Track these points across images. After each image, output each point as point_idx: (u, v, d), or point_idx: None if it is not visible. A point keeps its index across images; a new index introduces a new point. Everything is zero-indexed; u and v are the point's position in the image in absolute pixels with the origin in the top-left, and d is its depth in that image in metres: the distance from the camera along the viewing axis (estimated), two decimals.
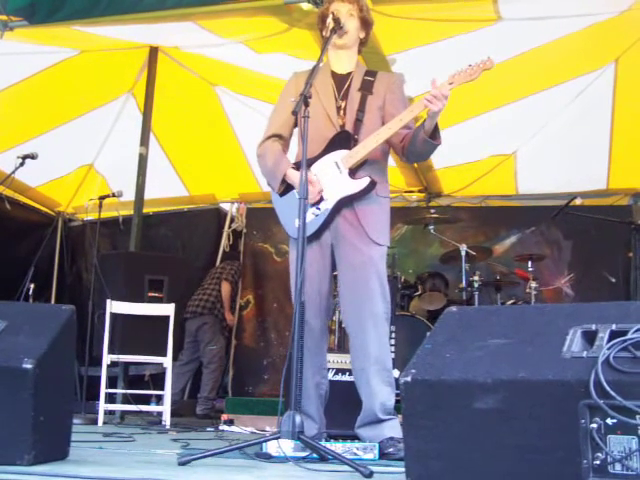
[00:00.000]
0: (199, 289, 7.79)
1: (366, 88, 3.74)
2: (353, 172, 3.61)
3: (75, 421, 4.49)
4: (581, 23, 5.32)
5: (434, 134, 3.53)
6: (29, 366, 2.40)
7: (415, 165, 7.40)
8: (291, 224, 3.59)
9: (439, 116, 3.48)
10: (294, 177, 3.58)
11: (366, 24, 3.82)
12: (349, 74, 3.78)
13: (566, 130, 6.80)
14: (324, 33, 3.74)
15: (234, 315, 8.10)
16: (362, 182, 3.60)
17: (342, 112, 3.69)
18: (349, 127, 3.66)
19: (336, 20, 3.59)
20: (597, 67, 6.17)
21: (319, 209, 3.59)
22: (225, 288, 7.76)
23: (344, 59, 3.79)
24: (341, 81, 3.76)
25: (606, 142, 6.91)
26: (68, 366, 2.81)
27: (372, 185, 3.60)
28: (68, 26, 5.51)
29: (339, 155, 3.62)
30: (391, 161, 3.94)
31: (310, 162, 3.53)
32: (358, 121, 3.66)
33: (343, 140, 3.64)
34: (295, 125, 3.78)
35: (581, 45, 5.65)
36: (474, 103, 6.23)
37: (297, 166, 3.61)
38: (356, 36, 3.78)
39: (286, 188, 3.67)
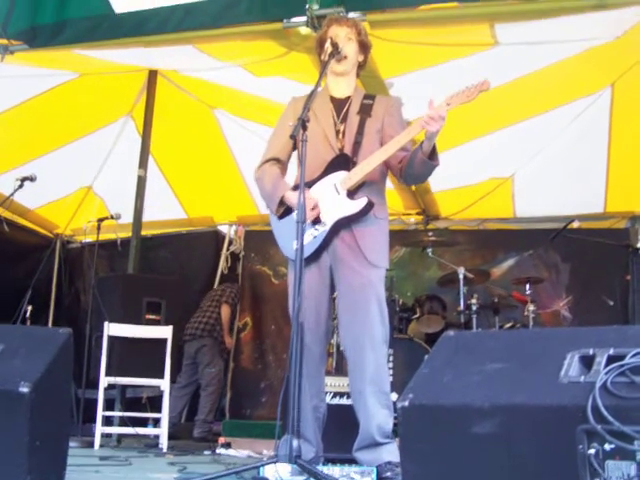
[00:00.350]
0: (198, 311, 7.77)
1: (365, 111, 3.76)
2: (351, 194, 3.62)
3: (71, 444, 4.47)
4: (577, 48, 5.35)
5: (432, 155, 3.55)
6: (25, 390, 2.39)
7: (413, 188, 7.42)
8: (289, 246, 3.59)
9: (437, 137, 3.50)
10: (292, 199, 3.59)
11: (364, 48, 3.85)
12: (348, 98, 3.80)
13: (563, 153, 6.83)
14: (322, 57, 3.77)
15: (232, 337, 8.09)
16: (360, 203, 3.61)
17: (341, 135, 3.71)
18: (348, 150, 3.68)
19: (334, 45, 3.62)
20: (594, 91, 6.20)
21: (317, 230, 3.59)
22: (225, 311, 7.74)
23: (342, 84, 3.82)
24: (340, 105, 3.78)
25: (603, 165, 6.94)
26: (65, 390, 2.81)
27: (370, 206, 3.60)
28: (68, 50, 5.53)
29: (338, 177, 3.63)
30: (389, 183, 3.95)
31: (309, 184, 3.54)
32: (357, 144, 3.68)
33: (342, 163, 3.65)
34: (294, 149, 3.80)
35: (578, 69, 5.68)
36: (472, 126, 6.26)
37: (295, 188, 3.62)
38: (355, 60, 3.81)
39: (285, 211, 3.68)
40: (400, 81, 5.76)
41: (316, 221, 3.59)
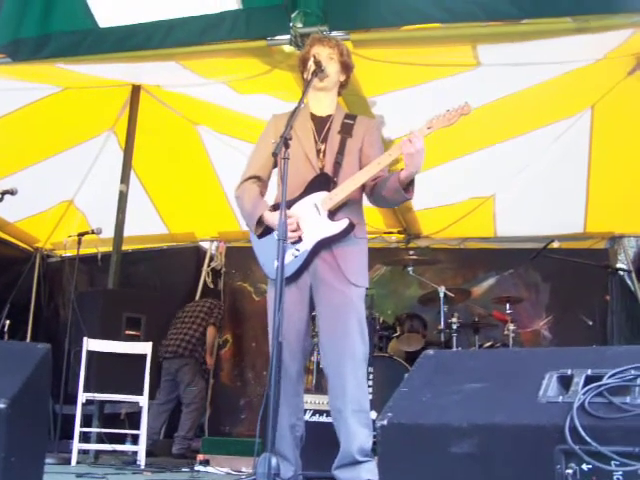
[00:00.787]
0: (177, 325, 7.68)
1: (346, 131, 3.77)
2: (332, 214, 3.63)
3: (48, 460, 4.44)
4: (558, 70, 5.41)
5: (408, 187, 3.57)
6: (2, 406, 2.37)
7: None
8: (270, 265, 3.59)
9: (418, 169, 3.51)
10: (271, 219, 3.59)
11: (346, 68, 3.87)
12: (329, 117, 3.82)
13: (544, 174, 6.89)
14: (305, 75, 3.79)
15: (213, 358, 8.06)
16: (341, 224, 3.62)
17: (322, 155, 3.72)
18: (328, 170, 3.68)
19: (317, 63, 3.64)
20: (574, 113, 6.27)
21: (298, 250, 3.59)
22: (211, 333, 7.69)
23: (324, 101, 3.83)
24: (321, 123, 3.79)
25: (583, 186, 7.01)
26: (42, 406, 2.78)
27: (351, 227, 3.62)
28: (52, 63, 5.52)
29: (318, 197, 3.64)
30: (370, 202, 3.96)
31: (289, 204, 3.54)
32: (337, 164, 3.69)
33: (322, 182, 3.66)
34: (274, 166, 3.80)
35: (558, 91, 5.74)
36: (454, 146, 6.30)
37: (275, 208, 3.64)
38: (336, 79, 3.83)
39: (265, 230, 3.68)
40: (382, 100, 5.79)
41: (297, 241, 3.59)
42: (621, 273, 7.33)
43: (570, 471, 1.83)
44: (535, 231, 7.53)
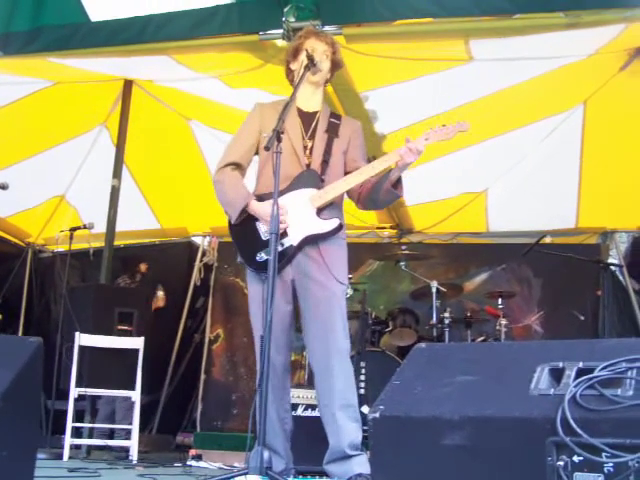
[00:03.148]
0: None
1: (332, 131, 3.79)
2: (319, 211, 3.64)
3: (40, 455, 4.43)
4: (550, 65, 5.42)
5: (396, 185, 3.60)
6: None
7: None
8: (251, 258, 3.59)
9: (407, 169, 3.55)
10: (257, 209, 3.59)
11: (336, 66, 3.89)
12: (315, 113, 3.82)
13: (536, 169, 6.90)
14: (292, 66, 3.80)
15: (204, 349, 8.04)
16: (331, 223, 3.65)
17: (309, 151, 3.72)
18: (315, 167, 3.70)
19: (310, 58, 3.64)
20: (566, 108, 6.28)
21: (282, 245, 3.59)
22: None
23: (311, 96, 3.83)
24: (308, 119, 3.79)
25: (575, 182, 7.02)
26: (34, 400, 2.77)
27: (340, 227, 3.66)
28: (43, 57, 5.50)
29: (307, 193, 3.64)
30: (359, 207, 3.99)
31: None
32: (325, 162, 3.71)
33: (310, 179, 3.67)
34: (255, 154, 3.80)
35: (550, 87, 5.74)
36: (446, 142, 6.30)
37: (257, 199, 3.63)
38: (326, 76, 3.84)
39: (244, 218, 3.66)
40: (375, 95, 5.79)
41: (281, 235, 3.58)
42: (613, 268, 7.35)
43: (561, 463, 1.84)
44: (527, 226, 7.54)
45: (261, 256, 3.54)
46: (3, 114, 6.58)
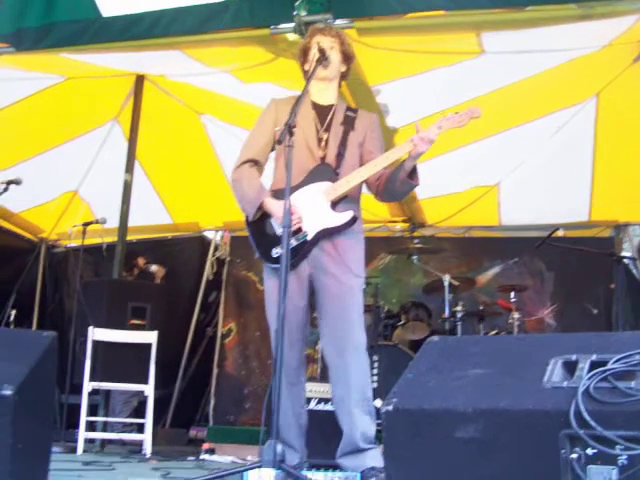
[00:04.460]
0: None
1: (348, 123, 3.77)
2: (334, 205, 3.64)
3: (54, 449, 4.45)
4: (563, 57, 5.39)
5: (411, 174, 3.59)
6: (8, 392, 2.37)
7: None
8: (268, 253, 3.59)
9: (420, 157, 3.55)
10: (271, 206, 3.59)
11: (347, 58, 3.86)
12: (331, 106, 3.81)
13: (549, 162, 6.87)
14: (306, 67, 3.80)
15: (216, 343, 8.06)
16: (345, 216, 3.63)
17: (323, 144, 3.71)
18: (330, 160, 3.68)
19: (322, 51, 3.63)
20: (579, 101, 6.24)
21: (298, 240, 3.59)
22: None
23: (325, 90, 3.82)
24: (323, 112, 3.78)
25: (588, 175, 6.99)
26: (48, 393, 2.79)
27: (354, 220, 3.64)
28: (55, 53, 5.52)
29: (321, 187, 3.63)
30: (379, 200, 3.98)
31: (290, 191, 3.55)
32: (340, 155, 3.70)
33: (324, 172, 3.66)
34: (272, 151, 3.81)
35: (563, 79, 5.71)
36: (458, 135, 6.18)
37: (273, 194, 3.64)
38: (338, 69, 3.82)
39: (261, 215, 3.67)
40: (387, 88, 5.78)
41: (297, 229, 3.58)
42: (626, 261, 7.30)
43: (575, 456, 1.84)
44: (540, 219, 7.52)
45: (276, 251, 3.54)
46: (16, 110, 6.60)
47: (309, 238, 3.60)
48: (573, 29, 4.75)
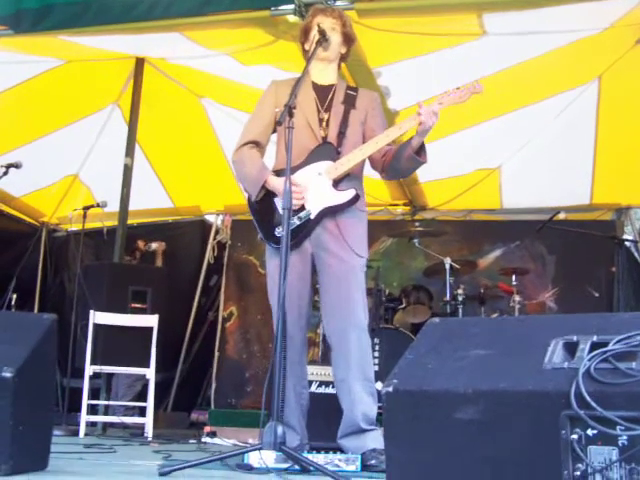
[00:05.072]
0: None
1: (349, 102, 3.77)
2: (336, 184, 3.63)
3: (56, 432, 4.48)
4: (565, 39, 5.36)
5: (419, 152, 3.57)
6: (8, 375, 2.38)
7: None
8: (270, 233, 3.59)
9: (428, 134, 3.52)
10: (275, 184, 3.59)
11: (348, 39, 3.85)
12: (331, 86, 3.81)
13: (550, 145, 6.84)
14: (306, 47, 3.79)
15: (218, 327, 8.07)
16: (347, 194, 3.63)
17: (325, 124, 3.71)
18: (332, 139, 3.68)
19: (322, 32, 3.62)
20: (581, 83, 6.21)
21: (300, 218, 3.59)
22: None
23: (325, 71, 3.82)
24: (323, 92, 3.77)
25: (590, 158, 6.96)
26: (49, 375, 2.79)
27: (356, 198, 3.64)
28: (54, 35, 5.49)
29: (323, 166, 3.63)
30: (376, 174, 3.96)
31: (291, 171, 3.54)
32: (341, 134, 3.69)
33: (326, 152, 3.66)
34: (273, 132, 3.80)
35: (565, 61, 5.69)
36: (459, 117, 6.24)
37: (276, 174, 3.63)
38: (338, 50, 3.81)
39: (264, 195, 3.67)
40: (388, 70, 5.75)
41: (300, 208, 3.58)
42: (628, 244, 7.30)
43: (575, 436, 1.83)
44: (541, 203, 7.51)
45: (279, 231, 3.53)
46: (15, 93, 6.58)
47: (312, 216, 3.59)
48: (575, 10, 4.73)
